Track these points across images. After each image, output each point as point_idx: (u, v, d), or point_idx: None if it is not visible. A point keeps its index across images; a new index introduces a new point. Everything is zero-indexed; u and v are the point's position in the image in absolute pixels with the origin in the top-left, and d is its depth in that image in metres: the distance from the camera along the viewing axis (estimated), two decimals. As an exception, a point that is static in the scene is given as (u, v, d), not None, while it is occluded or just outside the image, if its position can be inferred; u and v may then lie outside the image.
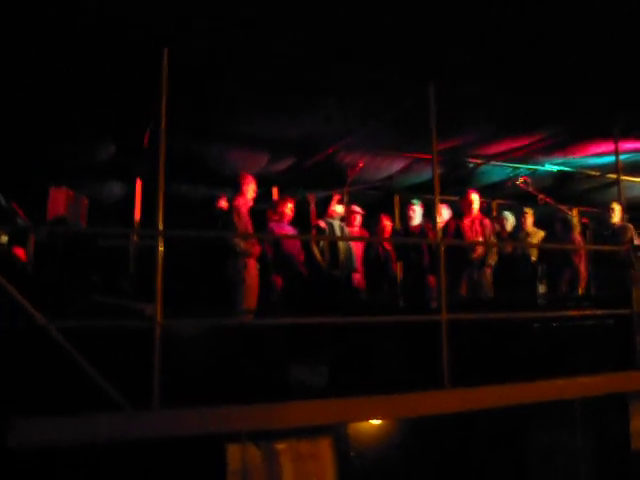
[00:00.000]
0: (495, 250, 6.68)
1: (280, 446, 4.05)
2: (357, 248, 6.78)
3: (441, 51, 4.37)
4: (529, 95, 5.04)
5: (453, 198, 7.36)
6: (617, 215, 7.11)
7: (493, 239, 6.90)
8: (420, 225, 6.98)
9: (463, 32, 4.12)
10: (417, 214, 6.99)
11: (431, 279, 6.50)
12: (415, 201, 7.11)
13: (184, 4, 3.69)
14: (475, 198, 6.78)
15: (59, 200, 5.58)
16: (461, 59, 4.47)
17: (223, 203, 6.39)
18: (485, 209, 8.53)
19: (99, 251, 5.46)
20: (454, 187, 7.24)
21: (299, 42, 4.17)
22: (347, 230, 6.75)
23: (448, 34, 4.16)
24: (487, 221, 6.95)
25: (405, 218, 7.12)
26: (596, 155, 6.84)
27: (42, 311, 3.26)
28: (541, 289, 7.46)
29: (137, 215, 7.10)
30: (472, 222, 6.73)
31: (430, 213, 6.39)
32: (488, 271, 6.65)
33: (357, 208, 7.03)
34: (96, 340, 3.43)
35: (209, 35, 4.01)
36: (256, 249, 5.77)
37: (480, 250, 6.56)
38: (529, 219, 7.62)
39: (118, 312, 4.01)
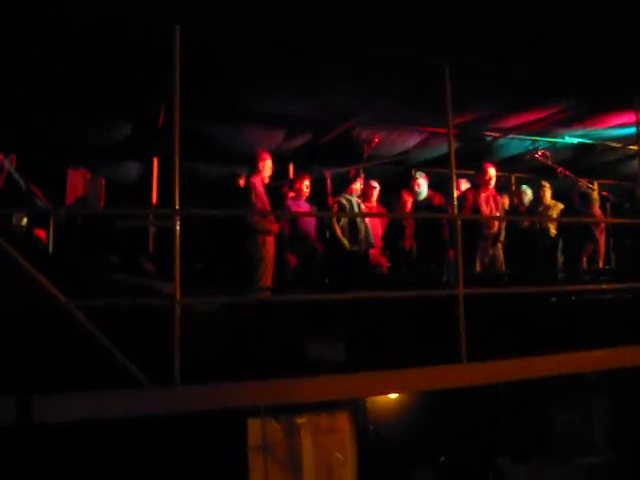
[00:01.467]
0: (504, 226, 6.64)
1: (300, 420, 4.12)
2: (374, 224, 6.77)
3: (458, 24, 4.30)
4: (547, 67, 4.94)
5: (470, 172, 7.30)
6: None
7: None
8: (428, 198, 6.96)
9: (481, 5, 4.05)
10: (423, 187, 6.96)
11: (451, 253, 6.48)
12: (418, 174, 7.06)
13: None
14: (493, 172, 6.70)
15: (77, 181, 5.65)
16: (479, 32, 4.39)
17: (243, 181, 6.41)
18: (504, 183, 8.47)
19: (118, 232, 5.53)
20: (472, 161, 7.16)
21: (315, 17, 4.12)
22: (363, 206, 6.74)
23: (466, 7, 4.08)
24: (499, 197, 6.90)
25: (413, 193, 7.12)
26: (617, 126, 6.70)
27: (63, 290, 3.33)
28: (560, 262, 7.43)
29: (154, 195, 7.16)
30: (487, 197, 6.68)
31: (444, 185, 6.36)
32: (500, 247, 6.63)
33: (374, 183, 7.00)
34: (117, 319, 3.50)
35: (223, 12, 3.98)
36: (274, 227, 5.80)
37: (496, 226, 6.53)
38: (547, 192, 7.55)
39: (138, 291, 4.07)
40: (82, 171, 5.64)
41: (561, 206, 7.59)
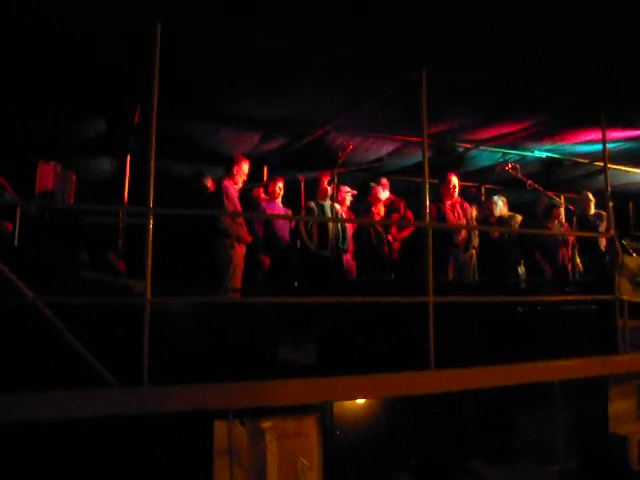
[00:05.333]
0: (477, 232, 6.78)
1: (266, 424, 4.10)
2: (350, 230, 6.81)
3: (434, 36, 4.37)
4: (520, 82, 5.06)
5: (434, 181, 7.43)
6: (591, 204, 7.39)
7: (473, 222, 7.00)
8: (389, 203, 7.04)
9: (456, 18, 4.12)
10: (382, 195, 7.03)
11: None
12: (372, 184, 7.16)
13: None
14: (455, 181, 6.83)
15: (47, 175, 5.53)
16: (454, 45, 4.47)
17: (209, 182, 6.34)
18: (474, 193, 8.62)
19: (87, 227, 5.43)
20: (445, 171, 7.28)
21: (293, 23, 4.14)
22: (342, 211, 6.75)
23: (441, 19, 4.15)
24: (467, 204, 7.03)
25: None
26: (584, 143, 6.90)
27: (29, 286, 3.26)
28: (522, 272, 7.65)
29: (126, 192, 7.06)
30: (453, 205, 6.80)
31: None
32: (473, 253, 6.74)
33: (348, 189, 7.03)
34: (85, 317, 3.44)
35: (202, 14, 3.96)
36: (246, 236, 5.77)
37: (464, 233, 6.65)
38: (494, 206, 7.78)
39: (108, 289, 4.01)
40: (53, 165, 5.53)
41: (519, 217, 7.80)
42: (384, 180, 7.45)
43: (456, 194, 6.83)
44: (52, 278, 3.87)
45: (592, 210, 7.75)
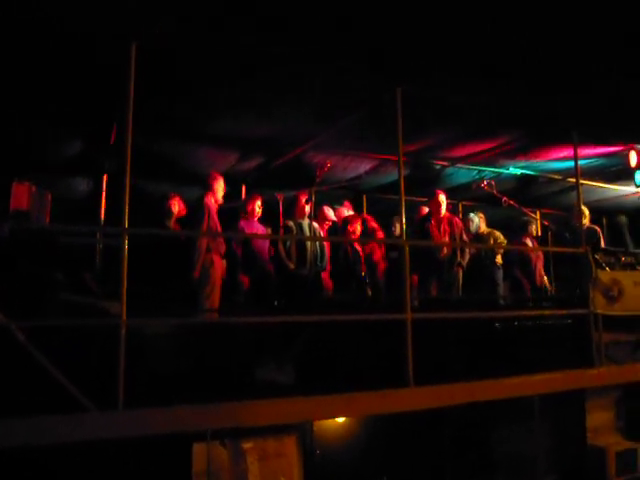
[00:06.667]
0: (468, 250, 6.86)
1: (246, 445, 4.06)
2: (327, 248, 6.81)
3: (408, 55, 4.44)
4: (493, 100, 5.15)
5: (422, 199, 7.53)
6: (586, 218, 7.45)
7: (465, 237, 7.09)
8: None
9: (430, 37, 4.19)
10: (331, 214, 7.09)
11: (414, 278, 6.59)
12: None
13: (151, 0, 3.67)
14: (443, 199, 7.00)
15: (22, 195, 5.45)
16: (428, 64, 4.54)
17: (176, 203, 6.28)
18: (451, 210, 8.71)
19: (62, 248, 5.36)
20: (422, 188, 7.38)
21: (268, 40, 4.17)
22: (319, 230, 6.75)
23: (415, 38, 4.22)
24: (457, 219, 7.13)
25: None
26: (557, 159, 7.03)
27: (3, 309, 3.21)
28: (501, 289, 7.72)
29: (103, 212, 6.99)
30: (439, 222, 6.88)
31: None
32: (459, 271, 6.79)
33: (330, 214, 7.01)
34: (60, 339, 3.39)
35: (177, 32, 3.98)
36: (222, 247, 5.75)
37: (446, 249, 6.71)
38: (469, 223, 7.88)
39: (84, 311, 3.96)
40: (27, 185, 5.46)
41: (498, 233, 7.89)
42: (347, 202, 7.65)
43: (443, 211, 7.00)
44: (26, 301, 3.80)
45: (586, 224, 7.75)
